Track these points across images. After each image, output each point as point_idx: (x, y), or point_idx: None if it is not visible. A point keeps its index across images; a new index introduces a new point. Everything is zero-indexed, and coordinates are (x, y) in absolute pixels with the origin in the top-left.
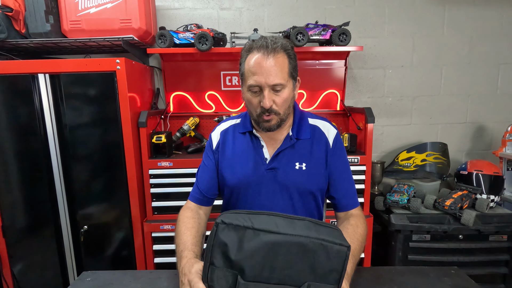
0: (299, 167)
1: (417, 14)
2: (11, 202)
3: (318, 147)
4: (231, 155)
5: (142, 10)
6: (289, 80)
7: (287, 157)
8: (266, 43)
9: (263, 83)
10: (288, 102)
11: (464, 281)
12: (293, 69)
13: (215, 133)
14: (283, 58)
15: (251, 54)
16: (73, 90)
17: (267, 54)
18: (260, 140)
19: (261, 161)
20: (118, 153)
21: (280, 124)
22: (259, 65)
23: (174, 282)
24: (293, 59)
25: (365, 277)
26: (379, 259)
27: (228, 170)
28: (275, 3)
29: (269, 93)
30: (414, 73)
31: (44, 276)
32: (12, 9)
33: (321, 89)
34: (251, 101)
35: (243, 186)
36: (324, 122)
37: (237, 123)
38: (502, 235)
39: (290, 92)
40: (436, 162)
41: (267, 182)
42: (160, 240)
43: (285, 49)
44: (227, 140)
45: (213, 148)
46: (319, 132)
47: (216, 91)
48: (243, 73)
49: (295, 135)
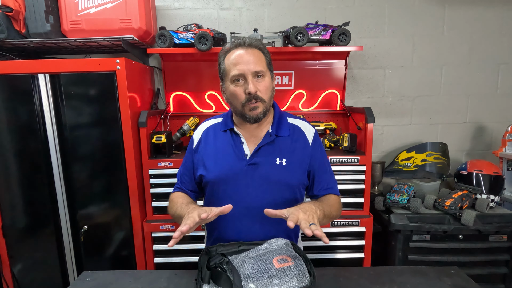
0: (280, 162)
1: (417, 14)
2: (11, 202)
3: (297, 144)
4: (212, 152)
5: (142, 10)
6: (267, 70)
7: (268, 152)
8: (243, 40)
9: (246, 70)
10: (270, 91)
11: (464, 281)
12: (268, 63)
13: (196, 132)
14: (258, 52)
15: (230, 52)
16: (73, 90)
17: (246, 48)
18: (241, 137)
19: (242, 157)
20: (118, 153)
21: (265, 113)
22: (240, 57)
23: (174, 282)
24: (267, 55)
25: (365, 277)
26: (379, 259)
27: (209, 166)
28: (275, 3)
29: (253, 79)
30: (414, 73)
31: (44, 276)
32: (12, 9)
33: (321, 89)
34: (236, 92)
35: (223, 181)
36: (303, 122)
37: (219, 122)
38: (502, 235)
39: (270, 81)
40: (436, 162)
41: (247, 177)
42: (160, 240)
43: (258, 47)
44: (208, 139)
45: (193, 147)
46: (298, 130)
47: (216, 91)
48: (224, 70)
49: (275, 132)
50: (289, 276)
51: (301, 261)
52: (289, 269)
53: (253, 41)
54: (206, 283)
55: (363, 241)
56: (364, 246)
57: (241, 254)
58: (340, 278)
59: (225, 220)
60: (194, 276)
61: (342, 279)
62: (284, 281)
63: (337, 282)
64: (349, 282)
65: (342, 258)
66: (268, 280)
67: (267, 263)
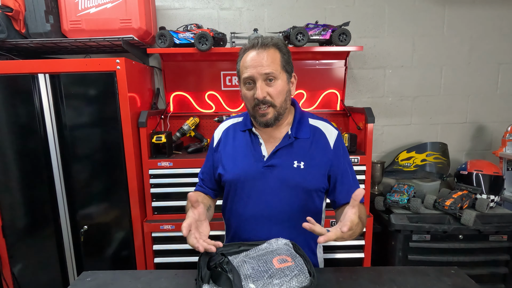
0: (297, 165)
1: (417, 14)
2: (11, 202)
3: (317, 148)
4: (230, 152)
5: (142, 10)
6: (282, 72)
7: (286, 155)
8: (257, 41)
9: (255, 73)
10: (284, 95)
11: (464, 281)
12: (286, 63)
13: (217, 131)
14: (274, 51)
15: (246, 52)
16: (73, 90)
17: (258, 49)
18: (259, 137)
19: (259, 158)
20: (118, 153)
21: (277, 118)
22: (251, 59)
23: (174, 282)
24: (285, 53)
25: (365, 277)
26: (379, 259)
27: (227, 166)
28: (275, 3)
29: (262, 84)
30: (414, 73)
31: (44, 276)
32: (12, 9)
33: (321, 89)
34: (246, 95)
35: (240, 182)
36: (325, 124)
37: (239, 121)
38: (502, 235)
39: (284, 84)
40: (436, 162)
41: (264, 179)
42: (160, 240)
43: (276, 45)
44: (228, 138)
45: (214, 146)
46: (319, 132)
47: (216, 91)
48: (238, 71)
49: (294, 134)
50: (289, 276)
51: (301, 261)
52: (289, 269)
53: (268, 40)
54: (206, 283)
55: (363, 241)
56: (364, 246)
57: (241, 254)
58: (340, 278)
59: (241, 220)
60: (194, 276)
61: (342, 279)
62: (284, 281)
63: (337, 282)
64: (349, 282)
65: (342, 258)
66: (268, 280)
67: (267, 263)
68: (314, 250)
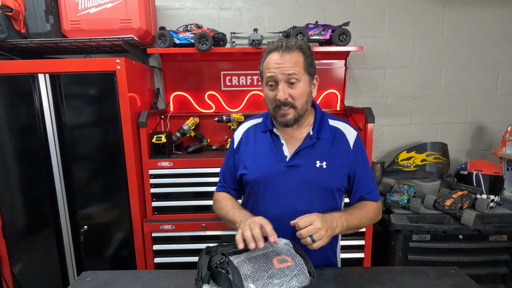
0: (320, 165)
1: (417, 14)
2: (11, 202)
3: (338, 148)
4: (252, 153)
5: (142, 10)
6: (304, 74)
7: (308, 155)
8: (282, 43)
9: (279, 75)
10: (305, 97)
11: (464, 281)
12: (309, 66)
13: (237, 132)
14: (297, 54)
15: (269, 54)
16: (73, 90)
17: (282, 51)
18: (280, 138)
19: (281, 159)
20: (118, 153)
21: (297, 119)
22: (274, 61)
23: (174, 282)
24: (308, 56)
25: (365, 277)
26: (379, 259)
27: (249, 166)
28: (275, 3)
29: (284, 85)
30: (414, 73)
31: (44, 276)
32: (12, 9)
33: (321, 89)
34: (268, 96)
35: (262, 182)
36: (345, 125)
37: (259, 122)
38: (502, 235)
39: (306, 86)
40: (436, 162)
41: (287, 179)
42: (160, 240)
43: (300, 47)
44: (249, 139)
45: (234, 148)
46: (340, 133)
47: (216, 91)
48: (261, 71)
49: (316, 135)
50: (289, 276)
51: (301, 261)
52: (289, 269)
53: (292, 43)
54: (206, 283)
55: (363, 241)
56: (364, 246)
57: (241, 254)
58: (340, 278)
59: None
60: (194, 276)
61: (342, 279)
62: (284, 281)
63: (337, 282)
64: (349, 282)
65: (342, 258)
66: (268, 280)
67: (267, 263)
68: (335, 249)
